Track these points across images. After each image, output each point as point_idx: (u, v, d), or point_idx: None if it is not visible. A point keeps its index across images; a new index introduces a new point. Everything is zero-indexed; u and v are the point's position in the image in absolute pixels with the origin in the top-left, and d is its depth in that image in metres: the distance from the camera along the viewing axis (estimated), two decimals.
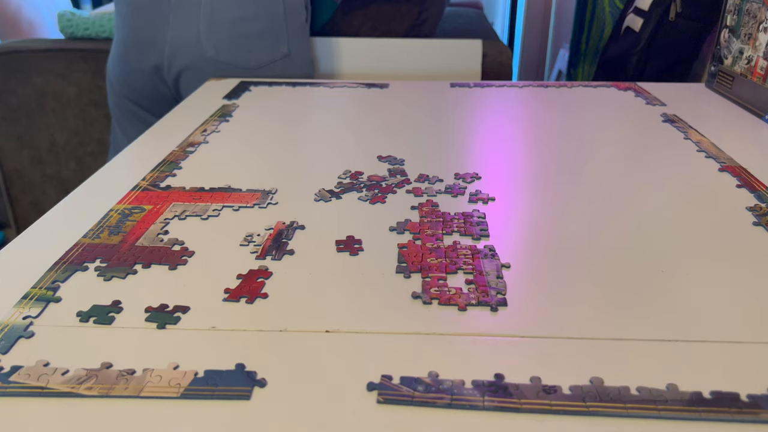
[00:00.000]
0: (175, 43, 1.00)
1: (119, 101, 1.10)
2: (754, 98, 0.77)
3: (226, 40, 0.99)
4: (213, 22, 0.98)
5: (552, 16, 2.35)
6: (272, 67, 1.01)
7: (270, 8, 1.00)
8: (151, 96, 1.07)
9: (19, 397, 0.32)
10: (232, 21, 0.98)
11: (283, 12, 1.01)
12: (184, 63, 1.00)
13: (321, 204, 0.55)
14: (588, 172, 0.60)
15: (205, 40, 0.98)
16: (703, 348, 0.36)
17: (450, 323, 0.38)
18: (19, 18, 1.76)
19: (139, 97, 1.07)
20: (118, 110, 1.12)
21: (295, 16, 1.03)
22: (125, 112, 1.10)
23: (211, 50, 0.99)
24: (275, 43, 1.02)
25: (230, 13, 0.98)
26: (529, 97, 0.86)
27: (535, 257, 0.46)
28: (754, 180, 0.57)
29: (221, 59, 0.99)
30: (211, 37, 0.98)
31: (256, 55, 1.01)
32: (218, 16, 0.98)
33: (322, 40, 1.19)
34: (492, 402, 0.32)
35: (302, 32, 1.06)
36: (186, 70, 1.01)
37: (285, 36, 1.02)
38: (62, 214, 0.53)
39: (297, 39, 1.04)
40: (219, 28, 0.98)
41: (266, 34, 1.01)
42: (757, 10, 0.76)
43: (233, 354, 0.35)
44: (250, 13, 0.99)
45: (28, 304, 0.40)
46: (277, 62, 1.02)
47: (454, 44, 1.19)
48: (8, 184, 1.38)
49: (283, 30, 1.02)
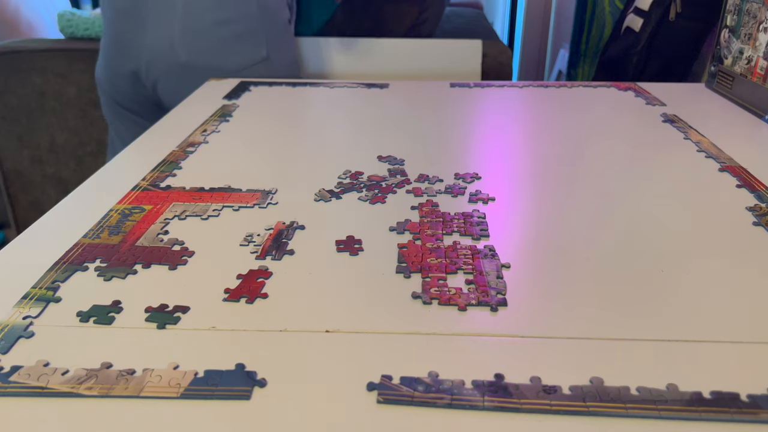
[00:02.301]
0: (152, 48, 0.98)
1: (109, 103, 1.10)
2: (754, 98, 0.77)
3: (201, 45, 0.97)
4: (187, 27, 0.96)
5: (552, 16, 2.35)
6: (251, 71, 0.99)
7: (245, 11, 0.98)
8: (136, 100, 1.06)
9: (19, 397, 0.32)
10: (207, 25, 0.96)
11: (258, 15, 0.98)
12: (160, 69, 0.99)
13: (321, 204, 0.55)
14: (588, 172, 0.60)
15: (179, 46, 0.96)
16: (703, 348, 0.36)
17: (450, 323, 0.38)
18: (17, 18, 1.76)
19: (126, 101, 1.06)
20: (109, 112, 1.11)
21: (274, 18, 1.01)
22: (116, 115, 1.10)
23: (184, 56, 0.97)
24: (253, 46, 0.99)
25: (204, 17, 0.96)
26: (529, 97, 0.86)
27: (535, 257, 0.46)
28: (754, 180, 0.57)
29: (196, 64, 0.97)
30: (186, 43, 0.96)
31: (233, 60, 0.98)
32: (192, 20, 0.96)
33: (322, 40, 1.19)
34: (492, 402, 0.32)
35: (283, 34, 1.04)
36: (162, 76, 0.99)
37: (263, 39, 1.00)
38: (62, 214, 0.53)
39: (277, 41, 1.02)
40: (194, 33, 0.96)
41: (243, 38, 0.99)
42: (757, 10, 0.76)
43: (233, 354, 0.35)
44: (224, 17, 0.97)
45: (28, 304, 0.40)
46: (256, 66, 1.00)
47: (454, 44, 1.19)
48: (8, 184, 1.38)
49: (260, 33, 0.99)
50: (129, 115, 1.09)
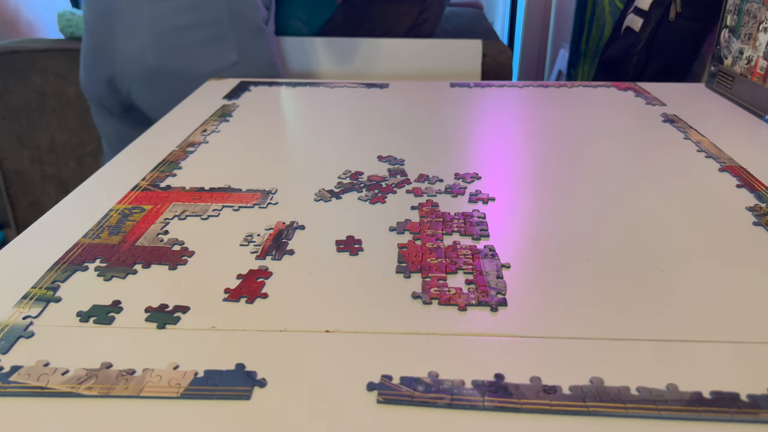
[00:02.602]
0: (124, 54, 0.97)
1: (95, 108, 1.09)
2: (754, 98, 0.77)
3: (168, 50, 0.95)
4: (155, 33, 0.95)
5: (552, 16, 2.35)
6: (221, 75, 0.98)
7: (213, 15, 0.96)
8: (116, 105, 1.05)
9: (19, 397, 0.32)
10: (174, 30, 0.95)
11: (227, 17, 0.97)
12: (132, 74, 0.98)
13: (321, 204, 0.55)
14: (588, 172, 0.60)
15: (148, 51, 0.95)
16: (703, 348, 0.36)
17: (450, 323, 0.38)
18: (17, 18, 1.76)
19: (109, 105, 1.06)
20: (97, 117, 1.11)
21: (246, 21, 0.99)
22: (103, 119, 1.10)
23: (153, 61, 0.95)
24: (222, 51, 0.98)
25: (171, 22, 0.95)
26: (529, 97, 0.86)
27: (535, 257, 0.46)
28: (754, 180, 0.57)
29: (165, 70, 0.96)
30: (155, 48, 0.95)
31: (202, 65, 0.97)
32: (160, 25, 0.95)
33: (322, 40, 1.19)
34: (492, 402, 0.32)
35: (257, 36, 1.01)
36: (135, 82, 0.98)
37: (232, 42, 0.98)
38: (62, 214, 0.53)
39: (249, 43, 1.00)
40: (161, 38, 0.95)
41: (211, 42, 0.97)
42: (757, 10, 0.76)
43: (233, 354, 0.35)
44: (191, 21, 0.95)
45: (28, 304, 0.40)
46: (226, 70, 0.98)
47: (454, 44, 1.19)
48: (8, 184, 1.38)
49: (229, 36, 0.98)
50: (114, 120, 1.08)
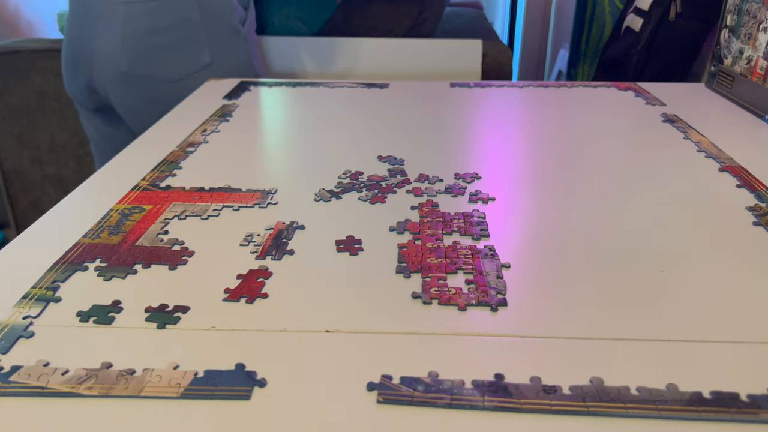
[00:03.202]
0: (99, 56, 0.96)
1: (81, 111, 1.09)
2: (754, 98, 0.77)
3: (139, 52, 0.94)
4: (127, 35, 0.94)
5: (552, 16, 2.35)
6: (195, 77, 0.96)
7: (185, 16, 0.95)
8: (97, 107, 1.05)
9: (19, 397, 0.32)
10: (145, 32, 0.94)
11: (200, 19, 0.95)
12: (107, 76, 0.97)
13: (321, 204, 0.55)
14: (588, 172, 0.60)
15: (120, 54, 0.94)
16: (703, 348, 0.36)
17: (450, 323, 0.38)
18: (17, 18, 1.76)
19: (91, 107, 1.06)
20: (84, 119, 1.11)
21: (218, 21, 0.98)
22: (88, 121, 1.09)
23: (125, 64, 0.95)
24: (194, 52, 0.97)
25: (142, 24, 0.94)
26: (529, 97, 0.86)
27: (535, 257, 0.46)
28: (754, 180, 0.57)
29: (136, 73, 0.95)
30: (126, 51, 0.94)
31: (174, 67, 0.96)
32: (131, 27, 0.94)
33: (322, 40, 1.19)
34: (492, 402, 0.32)
35: (232, 36, 1.00)
36: (110, 84, 0.97)
37: (205, 44, 0.97)
38: (62, 214, 0.53)
39: (223, 45, 0.99)
40: (132, 40, 0.94)
41: (182, 44, 0.96)
42: (757, 10, 0.76)
43: (233, 354, 0.35)
44: (162, 23, 0.94)
45: (28, 304, 0.40)
46: (199, 72, 0.97)
47: (454, 44, 1.19)
48: (8, 184, 1.38)
49: (202, 38, 0.96)
50: (97, 120, 1.08)
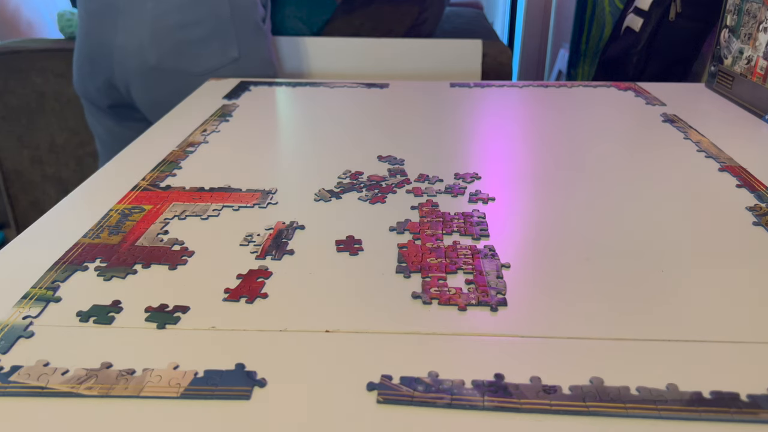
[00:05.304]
0: (123, 50, 0.97)
1: (89, 110, 1.09)
2: (754, 98, 0.77)
3: (168, 47, 0.95)
4: (156, 29, 0.95)
5: (552, 16, 2.35)
6: (222, 72, 0.98)
7: (215, 11, 0.96)
8: (111, 105, 1.05)
9: (19, 397, 0.32)
10: (175, 27, 0.95)
11: (230, 14, 0.97)
12: (131, 71, 0.97)
13: (321, 204, 0.55)
14: (588, 172, 0.60)
15: (148, 48, 0.95)
16: (703, 348, 0.36)
17: (450, 323, 0.38)
18: (17, 18, 1.76)
19: (103, 106, 1.06)
20: (90, 118, 1.11)
21: (245, 17, 0.99)
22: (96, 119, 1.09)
23: (153, 58, 0.95)
24: (223, 47, 0.98)
25: (173, 18, 0.95)
26: (529, 97, 0.86)
27: (535, 257, 0.46)
28: (754, 180, 0.57)
29: (165, 67, 0.96)
30: (155, 45, 0.95)
31: (203, 61, 0.97)
32: (161, 22, 0.95)
33: (322, 40, 1.19)
34: (492, 402, 0.32)
35: (256, 32, 1.02)
36: (134, 79, 0.98)
37: (234, 39, 0.98)
38: (62, 214, 0.53)
39: (249, 40, 1.00)
40: (162, 34, 0.95)
41: (212, 38, 0.97)
42: (757, 10, 0.76)
43: (233, 354, 0.35)
44: (193, 17, 0.95)
45: (28, 304, 0.40)
46: (227, 67, 0.98)
47: (454, 44, 1.19)
48: (8, 184, 1.38)
49: (230, 33, 0.98)
50: (107, 119, 1.08)
